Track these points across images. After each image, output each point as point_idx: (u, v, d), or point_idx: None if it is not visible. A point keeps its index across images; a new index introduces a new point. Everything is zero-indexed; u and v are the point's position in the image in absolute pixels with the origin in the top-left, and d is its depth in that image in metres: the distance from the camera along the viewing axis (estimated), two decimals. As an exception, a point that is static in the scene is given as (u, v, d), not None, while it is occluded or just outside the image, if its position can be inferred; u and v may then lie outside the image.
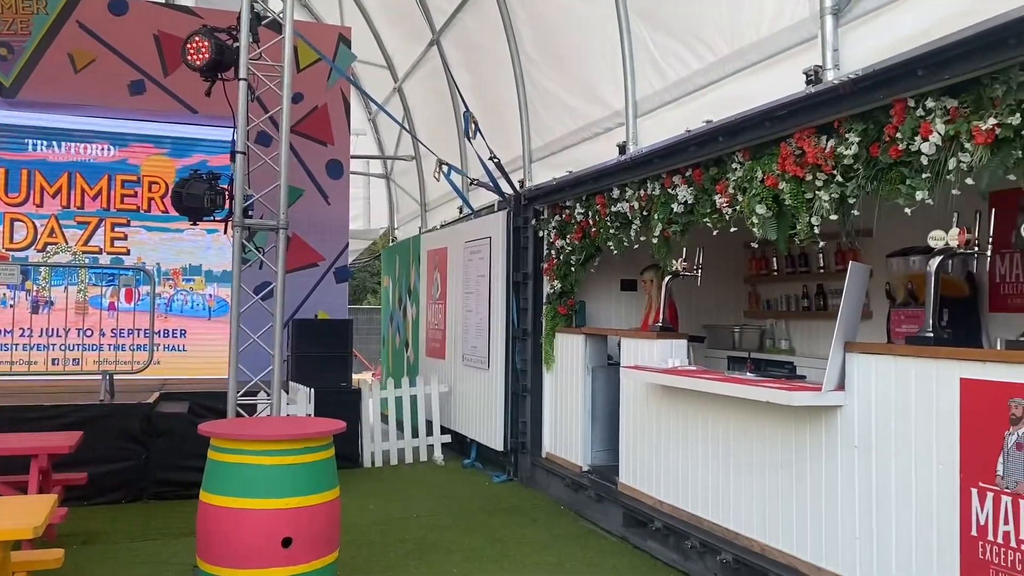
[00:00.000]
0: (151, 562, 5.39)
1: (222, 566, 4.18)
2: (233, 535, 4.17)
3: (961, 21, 3.52)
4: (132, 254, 10.07)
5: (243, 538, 4.16)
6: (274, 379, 5.52)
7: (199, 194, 5.25)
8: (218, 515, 4.22)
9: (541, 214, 7.95)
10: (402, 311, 12.27)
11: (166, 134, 10.29)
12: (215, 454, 4.33)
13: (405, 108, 12.24)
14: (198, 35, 5.32)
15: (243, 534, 4.16)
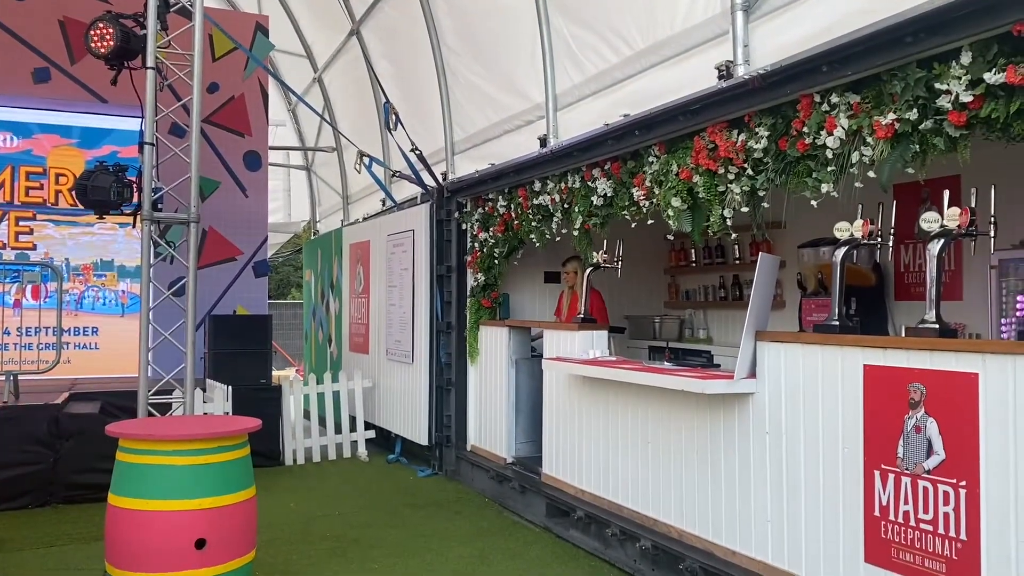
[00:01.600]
0: (60, 568, 5.19)
1: (132, 571, 4.05)
2: (144, 538, 4.04)
3: (862, 19, 3.64)
4: (39, 249, 9.65)
5: (154, 541, 4.03)
6: (187, 377, 5.37)
7: (106, 187, 5.05)
8: (127, 518, 4.09)
9: (464, 207, 7.92)
10: (324, 305, 12.09)
11: (74, 124, 9.87)
12: (124, 455, 4.19)
13: (325, 99, 12.02)
14: (102, 21, 5.11)
15: (154, 537, 4.04)
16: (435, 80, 8.49)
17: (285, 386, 8.80)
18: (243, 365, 8.38)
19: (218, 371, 8.33)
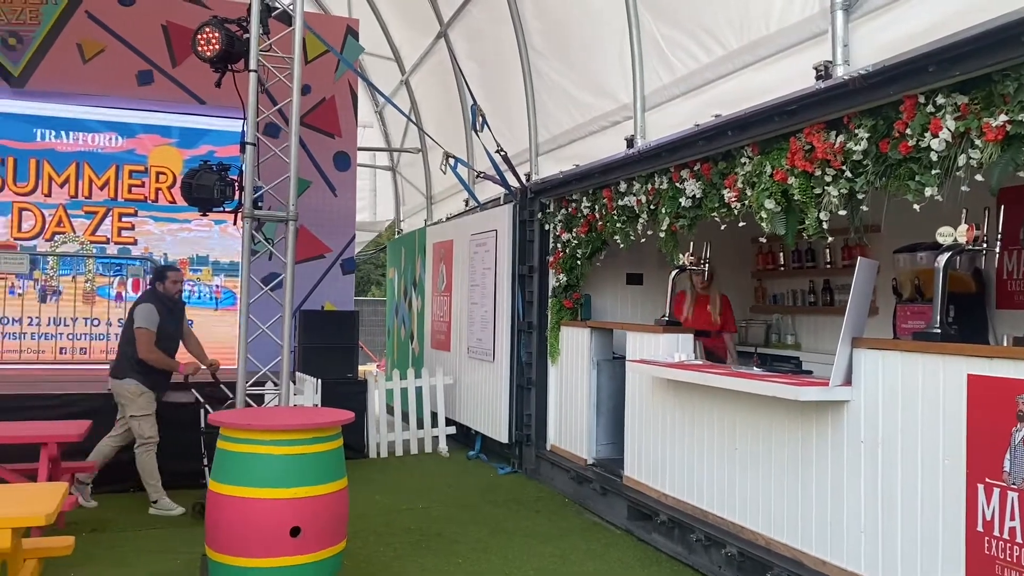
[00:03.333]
0: (159, 551, 5.43)
1: (231, 555, 4.21)
2: (243, 524, 4.20)
3: (972, 17, 3.51)
4: (139, 244, 10.08)
5: (253, 527, 4.18)
6: (283, 369, 5.55)
7: (209, 185, 5.27)
8: (228, 504, 4.25)
9: (547, 207, 7.96)
10: (407, 303, 12.29)
11: (174, 124, 10.28)
12: (225, 443, 4.36)
13: (412, 101, 12.24)
14: (208, 26, 5.33)
15: (253, 523, 4.19)
16: (520, 81, 8.56)
17: (370, 380, 8.99)
18: (331, 359, 8.61)
19: (307, 365, 8.58)
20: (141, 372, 6.40)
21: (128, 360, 6.43)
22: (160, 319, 6.43)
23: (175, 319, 6.70)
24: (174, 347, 6.70)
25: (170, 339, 6.61)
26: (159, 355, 6.43)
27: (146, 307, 6.45)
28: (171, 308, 6.63)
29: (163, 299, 6.55)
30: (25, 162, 9.74)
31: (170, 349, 6.60)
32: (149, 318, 6.39)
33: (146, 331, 6.35)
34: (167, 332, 6.55)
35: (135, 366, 6.38)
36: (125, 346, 6.54)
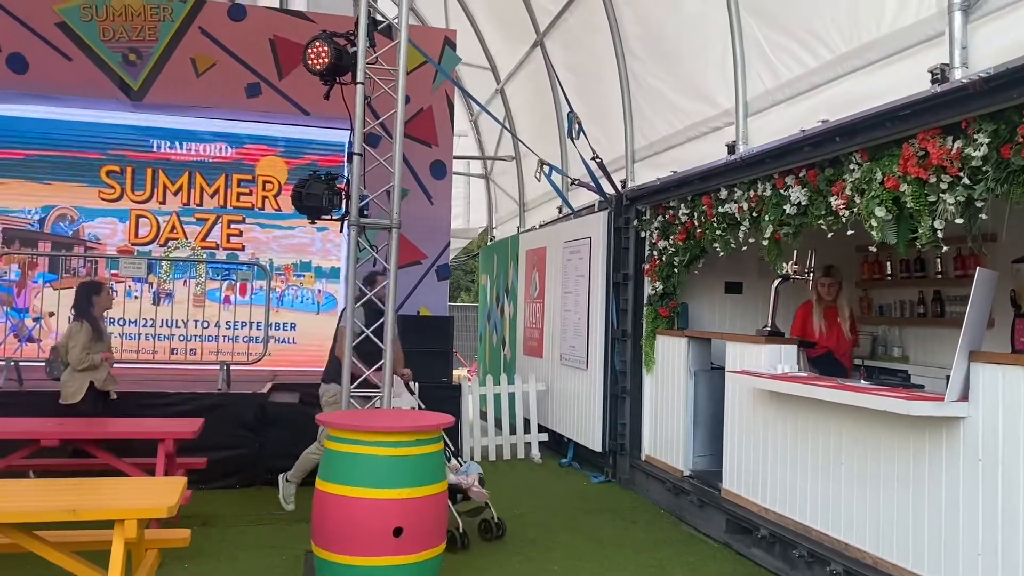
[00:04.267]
0: (265, 546, 5.64)
1: (336, 552, 4.34)
2: (347, 523, 4.32)
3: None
4: (246, 250, 10.50)
5: (357, 526, 4.31)
6: (385, 372, 5.69)
7: (318, 194, 5.45)
8: (333, 503, 4.38)
9: (643, 214, 7.91)
10: (499, 309, 12.40)
11: (279, 135, 10.67)
12: (332, 444, 4.50)
13: (506, 109, 12.36)
14: (318, 40, 5.52)
15: (356, 522, 4.31)
16: (616, 88, 8.54)
17: (464, 385, 9.11)
18: (426, 364, 8.74)
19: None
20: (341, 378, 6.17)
21: (335, 364, 6.33)
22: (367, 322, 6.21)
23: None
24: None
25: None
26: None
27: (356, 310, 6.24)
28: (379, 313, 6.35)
29: (371, 303, 6.31)
30: (142, 172, 10.27)
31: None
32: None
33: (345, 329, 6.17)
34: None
35: (338, 370, 6.17)
36: (333, 350, 6.55)
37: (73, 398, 6.35)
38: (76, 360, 6.36)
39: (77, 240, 10.07)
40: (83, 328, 6.43)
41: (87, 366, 6.37)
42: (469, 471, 6.02)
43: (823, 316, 6.41)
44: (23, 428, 5.51)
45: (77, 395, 6.35)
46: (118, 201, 10.16)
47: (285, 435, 7.37)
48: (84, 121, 10.06)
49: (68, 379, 6.41)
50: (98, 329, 6.58)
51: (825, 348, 6.37)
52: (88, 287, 6.86)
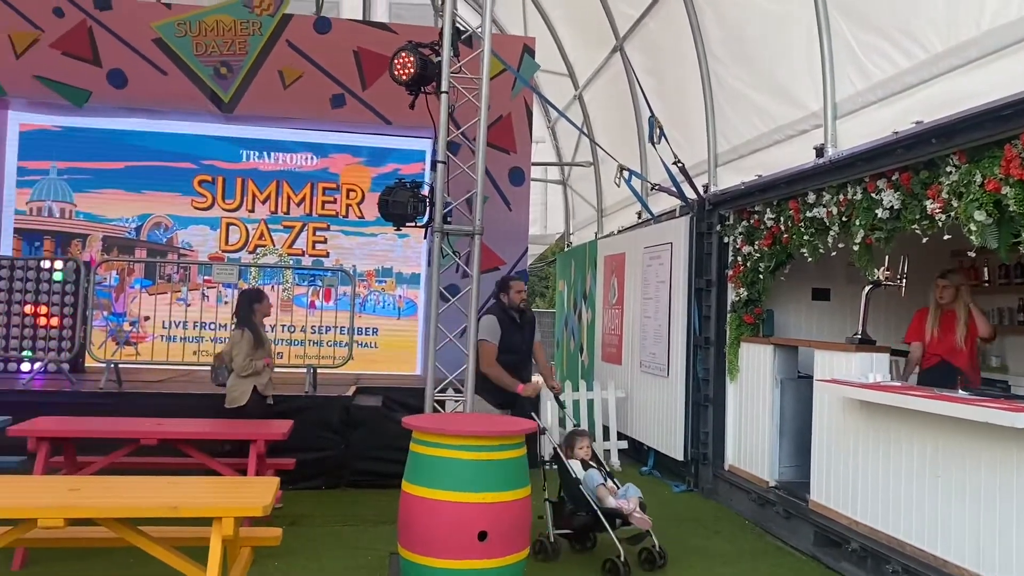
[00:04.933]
0: (351, 547, 5.75)
1: (422, 554, 4.39)
2: (433, 525, 4.37)
3: None
4: (331, 256, 10.76)
5: (442, 529, 4.35)
6: (468, 377, 5.75)
7: (403, 201, 5.55)
8: (419, 505, 4.44)
9: (727, 219, 7.78)
10: (577, 315, 12.38)
11: (362, 144, 10.92)
12: (417, 447, 4.56)
13: (584, 115, 12.34)
14: (404, 51, 5.63)
15: (442, 525, 4.35)
16: (698, 91, 8.44)
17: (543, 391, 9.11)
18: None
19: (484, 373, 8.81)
20: (486, 390, 6.09)
21: (475, 377, 6.11)
22: (502, 331, 6.10)
23: (520, 332, 6.32)
24: (518, 361, 6.25)
25: (513, 352, 6.20)
26: (498, 370, 6.05)
27: (487, 319, 6.14)
28: (515, 320, 6.28)
29: (507, 310, 6.22)
30: (232, 181, 10.65)
31: (513, 363, 6.17)
32: (490, 330, 6.09)
33: (487, 344, 6.05)
34: (510, 345, 6.17)
35: (481, 383, 6.07)
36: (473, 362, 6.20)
37: (238, 402, 6.63)
38: (240, 367, 6.62)
39: (171, 247, 10.50)
40: (244, 336, 6.69)
41: (250, 372, 6.64)
42: (628, 494, 5.58)
43: (938, 322, 6.03)
44: (125, 428, 5.75)
45: (242, 399, 6.63)
46: (210, 209, 10.56)
47: (369, 438, 7.52)
48: (178, 133, 10.50)
49: (233, 384, 6.68)
50: (259, 336, 6.81)
51: (937, 357, 5.98)
52: (250, 295, 7.10)
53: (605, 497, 5.52)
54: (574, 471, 5.71)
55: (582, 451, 5.97)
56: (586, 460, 5.93)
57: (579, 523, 5.56)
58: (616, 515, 5.44)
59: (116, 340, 9.88)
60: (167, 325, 10.17)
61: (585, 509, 5.49)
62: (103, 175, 10.34)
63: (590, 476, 5.68)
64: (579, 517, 5.54)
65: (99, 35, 9.80)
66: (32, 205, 10.24)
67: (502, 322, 6.13)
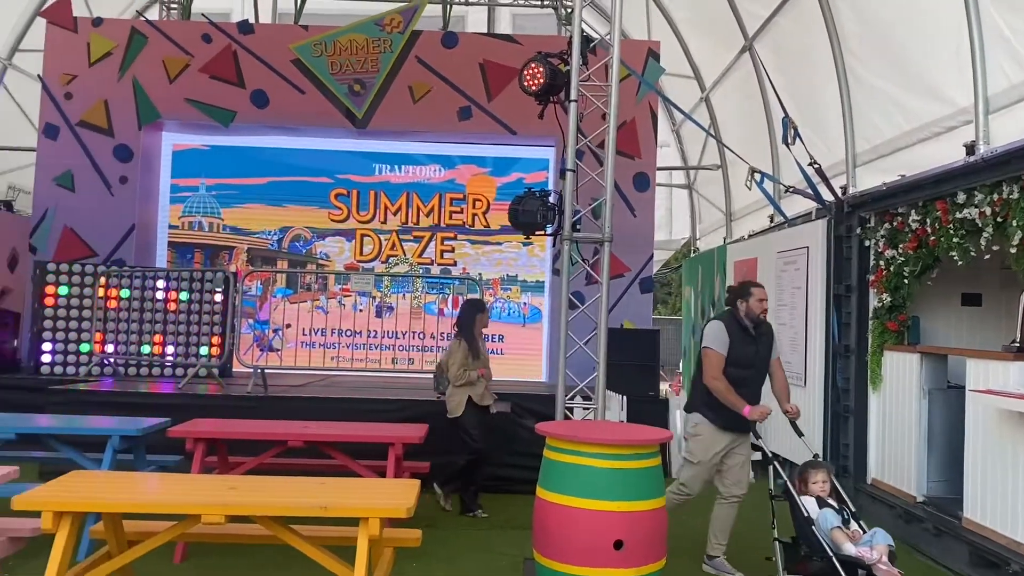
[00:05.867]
0: (484, 550, 5.84)
1: (558, 561, 4.41)
2: (568, 532, 4.39)
3: None
4: (458, 265, 11.00)
5: (578, 536, 4.36)
6: (598, 385, 5.75)
7: (533, 210, 5.62)
8: (554, 512, 4.47)
9: (867, 222, 7.45)
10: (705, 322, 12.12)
11: (488, 155, 11.12)
12: (551, 453, 4.59)
13: (711, 117, 12.12)
14: (534, 62, 5.70)
15: (578, 532, 4.36)
16: (834, 90, 8.14)
17: (671, 400, 8.99)
18: (632, 377, 8.71)
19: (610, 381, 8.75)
20: (710, 406, 5.41)
21: (698, 390, 5.53)
22: (731, 341, 5.37)
23: (754, 344, 5.49)
24: (747, 378, 5.44)
25: (742, 367, 5.41)
26: (723, 384, 5.28)
27: (716, 325, 5.49)
28: (748, 331, 5.47)
29: (739, 320, 5.47)
30: (366, 194, 11.07)
31: (741, 380, 5.37)
32: (717, 337, 5.38)
33: (712, 352, 5.35)
34: (739, 358, 5.40)
35: (704, 397, 5.42)
36: (696, 374, 5.65)
37: (454, 412, 6.79)
38: (454, 376, 6.75)
39: (310, 258, 11.01)
40: (461, 346, 6.78)
41: (464, 382, 6.72)
42: (875, 541, 4.75)
43: None
44: (274, 430, 6.05)
45: (458, 409, 6.77)
46: (345, 222, 11.02)
47: (499, 443, 7.59)
48: (315, 149, 11.03)
49: (450, 394, 6.84)
50: (475, 347, 6.84)
51: None
52: (473, 305, 7.10)
53: (842, 542, 4.71)
54: (806, 509, 4.94)
55: (817, 486, 5.14)
56: (823, 497, 5.10)
57: (815, 569, 4.77)
58: (857, 565, 4.61)
59: (260, 346, 10.43)
60: (306, 332, 10.65)
61: (820, 554, 4.72)
62: (247, 190, 10.97)
63: (825, 516, 4.88)
64: (815, 563, 4.78)
65: (243, 58, 10.42)
66: (184, 220, 10.98)
67: (731, 332, 5.40)
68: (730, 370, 5.35)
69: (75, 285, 9.14)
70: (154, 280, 9.23)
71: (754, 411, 5.32)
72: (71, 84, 10.33)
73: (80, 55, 10.34)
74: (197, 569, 5.26)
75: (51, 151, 10.31)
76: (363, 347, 10.41)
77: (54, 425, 5.97)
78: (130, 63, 10.35)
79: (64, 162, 10.26)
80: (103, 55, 10.36)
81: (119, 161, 10.33)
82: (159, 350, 9.11)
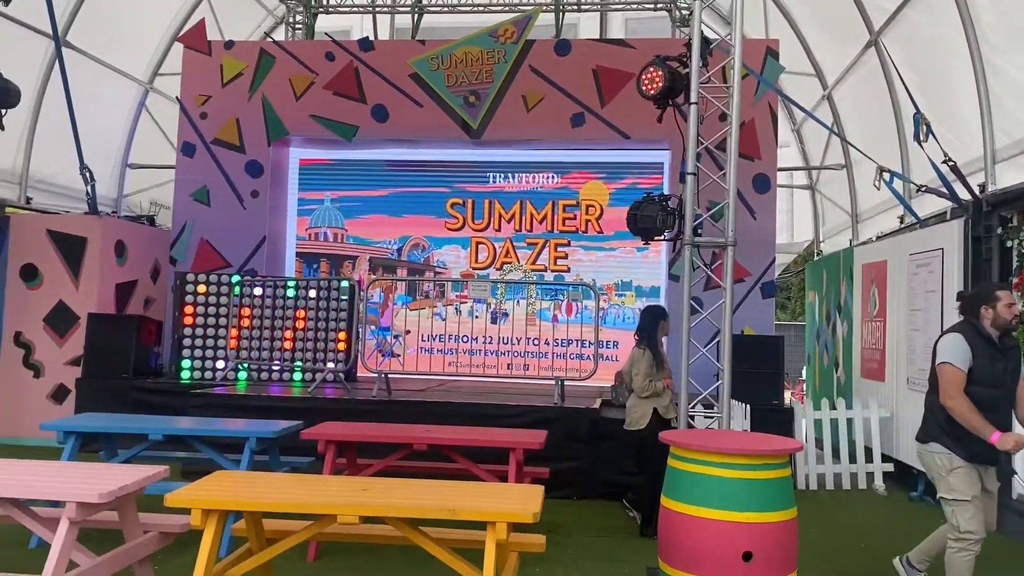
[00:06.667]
0: (608, 558, 5.81)
1: (684, 571, 4.34)
2: (696, 542, 4.31)
3: None
4: (571, 271, 11.00)
5: (705, 546, 4.28)
6: (723, 393, 5.63)
7: (652, 215, 5.57)
8: (681, 522, 4.40)
9: (1009, 221, 7.02)
10: (831, 328, 11.68)
11: (601, 160, 11.08)
12: (676, 462, 4.53)
13: (834, 115, 11.69)
14: (652, 66, 5.66)
15: (705, 543, 4.28)
16: (969, 83, 7.71)
17: (796, 409, 8.71)
18: (755, 385, 8.49)
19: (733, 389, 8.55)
20: (951, 434, 4.60)
21: (933, 415, 4.73)
22: (974, 356, 4.53)
23: (1003, 359, 4.60)
24: (994, 399, 4.54)
25: (988, 386, 4.54)
26: (966, 406, 4.46)
27: (954, 337, 4.63)
28: (994, 343, 4.59)
29: (983, 330, 4.59)
30: (480, 203, 11.24)
31: (987, 401, 4.50)
32: (957, 351, 4.55)
33: (950, 368, 4.54)
34: (985, 376, 4.53)
35: (942, 424, 4.63)
36: (929, 395, 4.84)
37: (637, 424, 6.41)
38: (639, 388, 6.38)
39: (428, 266, 11.27)
40: (645, 355, 6.40)
41: (649, 394, 6.33)
42: None
43: None
44: (401, 433, 6.22)
45: (641, 422, 6.38)
46: (461, 230, 11.22)
47: (616, 451, 7.56)
48: (432, 160, 11.28)
49: (633, 405, 6.50)
50: (659, 356, 6.47)
51: None
52: (654, 311, 6.68)
53: None
54: None
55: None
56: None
57: None
58: None
59: (382, 352, 10.74)
60: (425, 338, 10.90)
61: None
62: (369, 202, 11.34)
63: None
64: None
65: (364, 74, 10.78)
66: (310, 231, 11.44)
67: (974, 345, 4.55)
68: (974, 390, 4.51)
69: (211, 294, 9.67)
70: (284, 289, 9.66)
71: (1006, 439, 4.39)
72: (206, 104, 10.95)
73: (214, 77, 10.95)
74: (329, 568, 5.46)
75: (188, 168, 10.96)
76: (479, 353, 10.56)
77: (197, 427, 6.33)
78: (259, 82, 10.89)
79: (200, 178, 10.89)
80: (235, 76, 10.94)
81: (250, 176, 10.88)
82: (288, 356, 9.52)
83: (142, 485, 4.18)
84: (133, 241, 10.66)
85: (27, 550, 5.49)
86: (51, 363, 9.89)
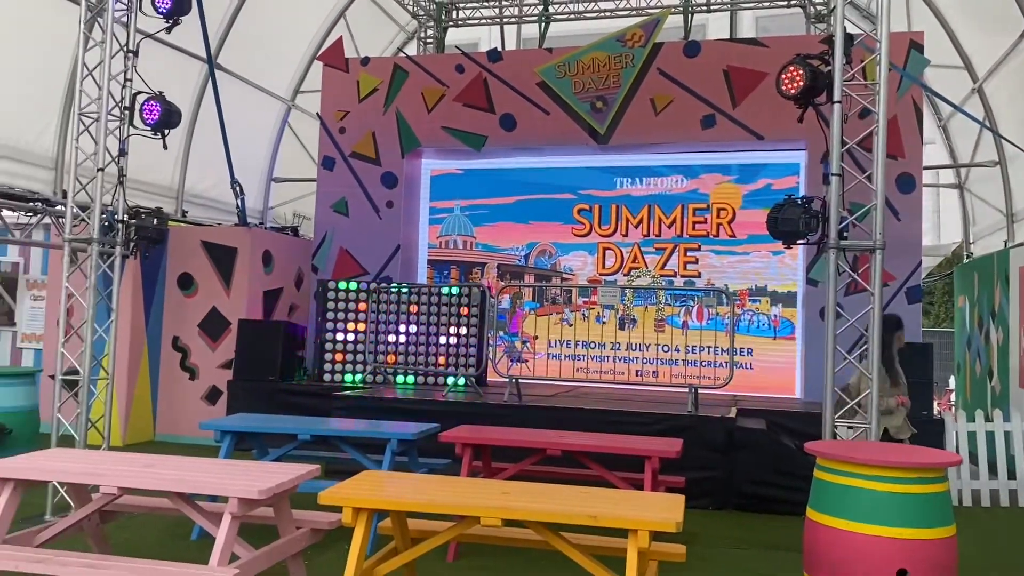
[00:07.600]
0: (747, 571, 5.67)
1: (833, 586, 4.20)
2: (844, 557, 4.16)
3: None
4: (702, 276, 10.79)
5: (854, 562, 4.12)
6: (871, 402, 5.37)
7: (794, 218, 5.40)
8: (827, 535, 4.25)
9: None
10: (983, 335, 10.97)
11: (733, 162, 10.83)
12: (824, 474, 4.38)
13: (986, 109, 10.98)
14: (792, 65, 5.50)
15: (854, 558, 4.12)
16: None
17: (947, 420, 8.23)
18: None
19: (877, 399, 8.19)
20: None
21: None
22: None
23: None
24: None
25: None
26: None
27: None
28: None
29: None
30: (608, 208, 11.20)
31: None
32: None
33: None
34: None
35: None
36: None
37: None
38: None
39: (555, 272, 11.32)
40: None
41: (882, 410, 5.70)
42: None
43: None
44: (534, 438, 6.27)
45: None
46: (587, 236, 11.22)
47: (755, 461, 7.38)
48: (559, 167, 11.34)
49: None
50: (893, 369, 6.01)
51: None
52: (889, 322, 6.02)
53: None
54: None
55: None
56: None
57: None
58: None
59: (511, 357, 10.88)
60: (552, 344, 10.95)
61: None
62: (497, 209, 11.51)
63: None
64: None
65: (492, 85, 10.97)
66: (441, 239, 11.72)
67: None
68: None
69: (351, 300, 10.07)
70: (418, 295, 9.95)
71: None
72: (344, 119, 11.42)
73: (351, 92, 11.41)
74: (468, 568, 5.58)
75: (328, 180, 11.46)
76: (608, 359, 10.51)
77: (342, 428, 6.60)
78: (394, 97, 11.26)
79: (339, 190, 11.36)
80: (370, 91, 11.36)
81: (385, 187, 11.26)
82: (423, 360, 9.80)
83: (297, 483, 4.39)
84: (278, 251, 11.24)
85: (190, 541, 5.88)
86: (205, 366, 10.56)
